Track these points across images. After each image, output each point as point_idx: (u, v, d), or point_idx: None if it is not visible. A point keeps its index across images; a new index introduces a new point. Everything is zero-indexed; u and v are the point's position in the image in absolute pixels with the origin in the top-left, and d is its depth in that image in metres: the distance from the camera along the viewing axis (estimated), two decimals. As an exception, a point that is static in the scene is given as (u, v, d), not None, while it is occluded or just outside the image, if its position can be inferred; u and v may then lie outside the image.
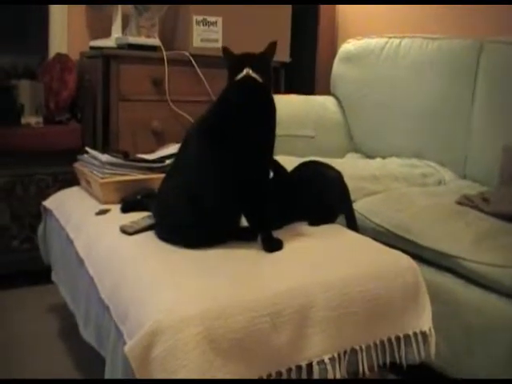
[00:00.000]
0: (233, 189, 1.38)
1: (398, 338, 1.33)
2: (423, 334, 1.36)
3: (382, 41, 2.74)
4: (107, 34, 2.63)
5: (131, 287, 1.21)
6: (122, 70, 2.44)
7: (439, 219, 1.71)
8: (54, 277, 1.83)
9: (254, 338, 1.11)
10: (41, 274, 2.06)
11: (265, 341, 1.13)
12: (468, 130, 2.29)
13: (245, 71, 1.43)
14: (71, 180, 2.13)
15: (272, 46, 1.50)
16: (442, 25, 2.73)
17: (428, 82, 2.46)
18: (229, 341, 1.08)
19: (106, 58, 2.43)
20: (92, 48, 2.68)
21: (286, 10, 2.87)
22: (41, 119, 2.41)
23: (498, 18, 2.50)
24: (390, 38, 2.72)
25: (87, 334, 1.40)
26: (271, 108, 1.44)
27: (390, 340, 1.32)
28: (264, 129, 1.41)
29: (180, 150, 1.46)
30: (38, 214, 2.03)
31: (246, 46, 2.64)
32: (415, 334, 1.35)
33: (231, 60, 1.49)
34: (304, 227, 1.57)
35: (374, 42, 2.78)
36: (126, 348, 1.06)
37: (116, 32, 2.61)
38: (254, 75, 1.42)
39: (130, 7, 2.53)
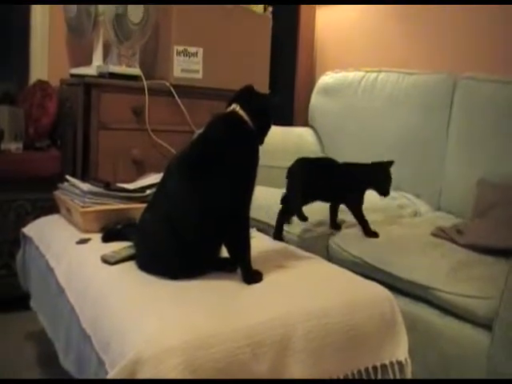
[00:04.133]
0: (213, 221, 1.39)
1: (375, 368, 1.35)
2: (399, 363, 1.38)
3: (360, 74, 2.81)
4: (88, 61, 2.65)
5: (113, 317, 1.21)
6: (102, 98, 2.46)
7: (415, 251, 1.75)
8: (32, 304, 1.82)
9: (235, 368, 1.12)
10: (19, 301, 2.04)
11: (245, 371, 1.14)
12: (442, 163, 2.36)
13: (232, 106, 1.46)
14: (50, 207, 2.13)
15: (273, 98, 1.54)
16: (418, 60, 2.81)
17: (404, 116, 2.53)
18: (210, 371, 1.09)
19: (87, 86, 2.45)
20: (73, 75, 2.70)
21: (266, 42, 2.94)
22: (20, 145, 2.41)
23: (471, 55, 2.59)
24: (367, 71, 2.79)
25: (67, 363, 1.39)
26: (250, 144, 1.45)
27: (367, 369, 1.33)
28: (242, 164, 1.41)
29: (161, 181, 1.47)
30: (17, 241, 2.01)
31: (226, 77, 2.73)
32: (392, 363, 1.37)
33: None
34: (283, 259, 1.59)
35: (351, 75, 2.86)
36: (109, 378, 1.06)
37: (97, 60, 2.63)
38: (240, 112, 1.44)
39: (111, 36, 2.56)
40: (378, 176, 1.92)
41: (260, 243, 1.68)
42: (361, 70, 2.84)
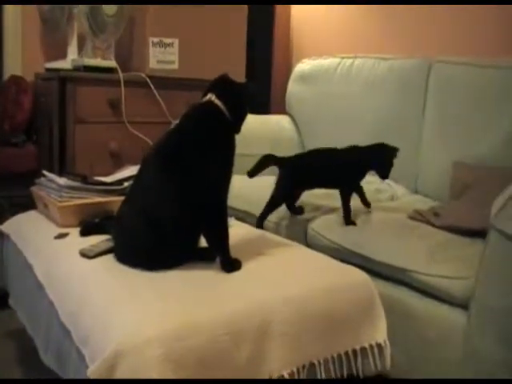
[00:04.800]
0: (190, 211, 1.39)
1: (354, 351, 1.37)
2: (379, 345, 1.40)
3: (336, 61, 2.82)
4: (62, 55, 2.63)
5: (92, 311, 1.22)
6: (78, 91, 2.44)
7: (392, 234, 1.77)
8: (11, 302, 1.81)
9: (215, 357, 1.13)
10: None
11: (225, 359, 1.15)
12: (419, 147, 2.37)
13: (208, 96, 1.46)
14: (27, 203, 2.11)
15: (249, 87, 1.54)
16: (393, 45, 2.83)
17: (380, 101, 2.55)
18: (191, 360, 1.10)
19: (62, 80, 2.43)
20: (47, 70, 2.68)
21: (241, 31, 2.93)
22: (-4, 142, 2.40)
23: (446, 39, 2.61)
24: (343, 58, 2.80)
25: (47, 359, 1.39)
26: (226, 133, 1.45)
27: (346, 353, 1.35)
28: (218, 153, 1.42)
29: (138, 172, 1.47)
30: (-6, 238, 2.00)
31: (202, 68, 2.72)
32: (371, 346, 1.39)
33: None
34: (262, 247, 1.60)
35: (327, 62, 2.87)
36: (89, 371, 1.07)
37: (72, 54, 2.61)
38: (216, 101, 1.44)
39: (85, 28, 2.54)
40: (383, 158, 1.94)
41: (239, 231, 1.69)
42: (337, 56, 2.85)
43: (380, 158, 1.94)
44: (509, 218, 1.30)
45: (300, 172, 1.97)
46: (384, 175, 1.94)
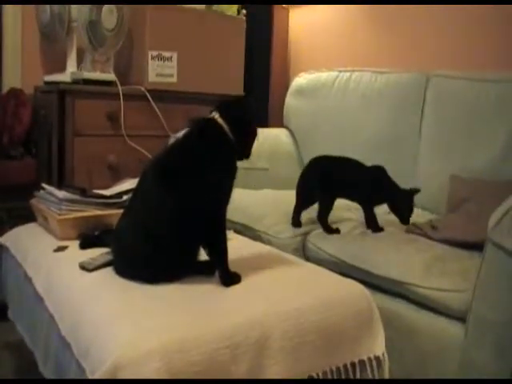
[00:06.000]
0: (189, 226, 1.40)
1: (353, 364, 1.37)
2: (377, 358, 1.40)
3: (333, 74, 2.84)
4: (62, 68, 2.64)
5: (92, 324, 1.22)
6: (77, 104, 2.45)
7: (390, 247, 1.77)
8: (10, 314, 1.81)
9: (214, 370, 1.14)
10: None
11: (225, 372, 1.15)
12: (416, 160, 2.39)
13: (211, 114, 1.46)
14: (26, 216, 2.11)
15: (250, 104, 1.55)
16: (390, 59, 2.85)
17: (377, 114, 2.56)
18: (189, 374, 1.10)
19: (62, 93, 2.44)
20: (47, 83, 2.69)
21: (240, 45, 2.95)
22: (-6, 154, 2.41)
23: (443, 53, 2.63)
24: (341, 71, 2.82)
25: (47, 371, 1.39)
26: (226, 153, 1.44)
27: (345, 366, 1.35)
28: (218, 173, 1.42)
29: (138, 186, 1.48)
30: (-6, 251, 2.00)
31: (201, 81, 2.74)
32: (369, 358, 1.39)
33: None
34: (261, 260, 1.61)
35: (324, 75, 2.89)
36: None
37: (71, 67, 2.62)
38: (219, 120, 1.44)
39: (85, 42, 2.55)
40: (397, 201, 1.97)
41: (237, 245, 1.70)
42: (334, 70, 2.87)
43: (401, 203, 1.97)
44: (506, 232, 1.31)
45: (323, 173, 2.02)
46: (404, 221, 1.96)
